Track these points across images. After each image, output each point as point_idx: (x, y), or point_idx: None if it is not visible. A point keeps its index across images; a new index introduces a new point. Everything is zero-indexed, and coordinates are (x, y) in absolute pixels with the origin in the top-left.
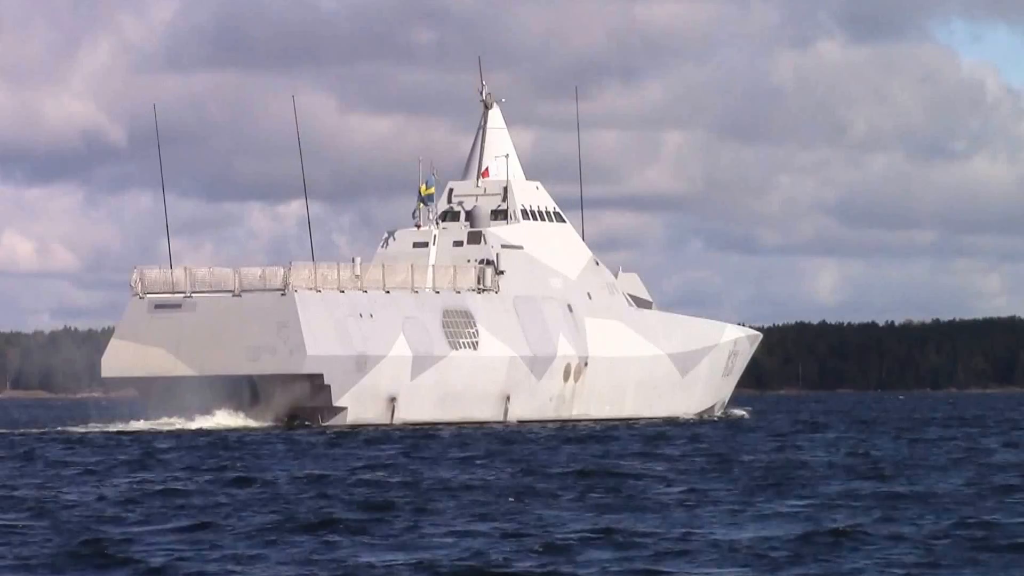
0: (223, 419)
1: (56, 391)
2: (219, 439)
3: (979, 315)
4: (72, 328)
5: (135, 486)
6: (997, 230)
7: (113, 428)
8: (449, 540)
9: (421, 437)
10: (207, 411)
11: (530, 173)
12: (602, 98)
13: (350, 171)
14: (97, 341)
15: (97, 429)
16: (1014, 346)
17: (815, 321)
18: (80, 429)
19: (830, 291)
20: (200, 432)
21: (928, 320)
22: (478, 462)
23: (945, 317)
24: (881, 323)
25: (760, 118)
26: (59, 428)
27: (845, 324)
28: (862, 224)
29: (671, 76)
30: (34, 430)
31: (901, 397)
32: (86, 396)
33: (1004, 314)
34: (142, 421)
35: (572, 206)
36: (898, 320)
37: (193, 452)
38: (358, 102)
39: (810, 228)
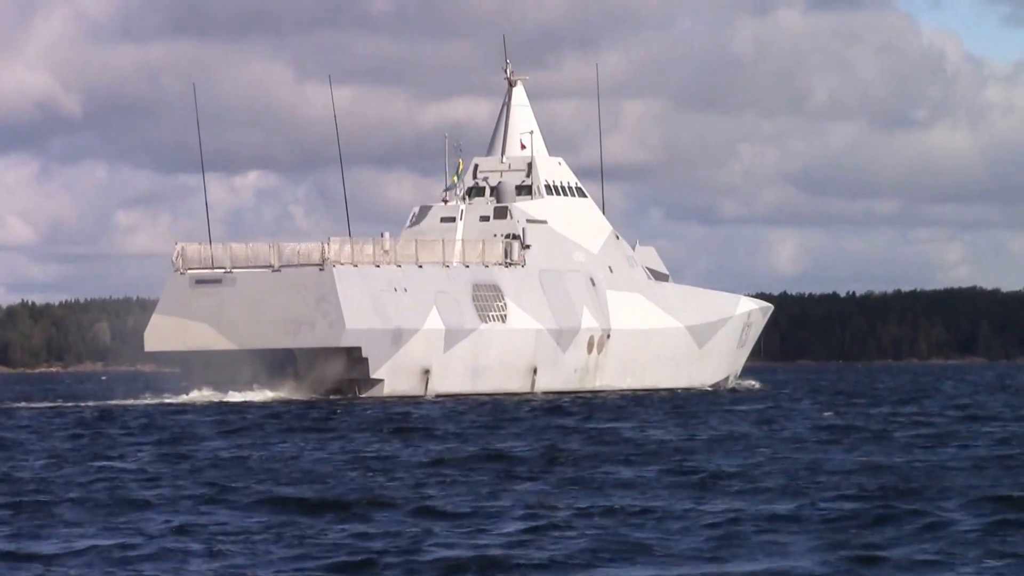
0: (263, 393)
1: (14, 366)
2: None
3: (940, 286)
4: (29, 302)
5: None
6: (958, 200)
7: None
8: None
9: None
10: (247, 384)
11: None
12: (561, 68)
13: (308, 141)
14: (54, 315)
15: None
16: (975, 316)
17: (776, 292)
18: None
19: (791, 262)
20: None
21: (889, 291)
22: None
23: (906, 288)
24: (842, 294)
25: (720, 87)
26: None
27: (806, 295)
28: (823, 194)
29: (630, 46)
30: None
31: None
32: (46, 370)
33: (965, 284)
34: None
35: None
36: (859, 291)
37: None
38: (315, 71)
39: (771, 198)
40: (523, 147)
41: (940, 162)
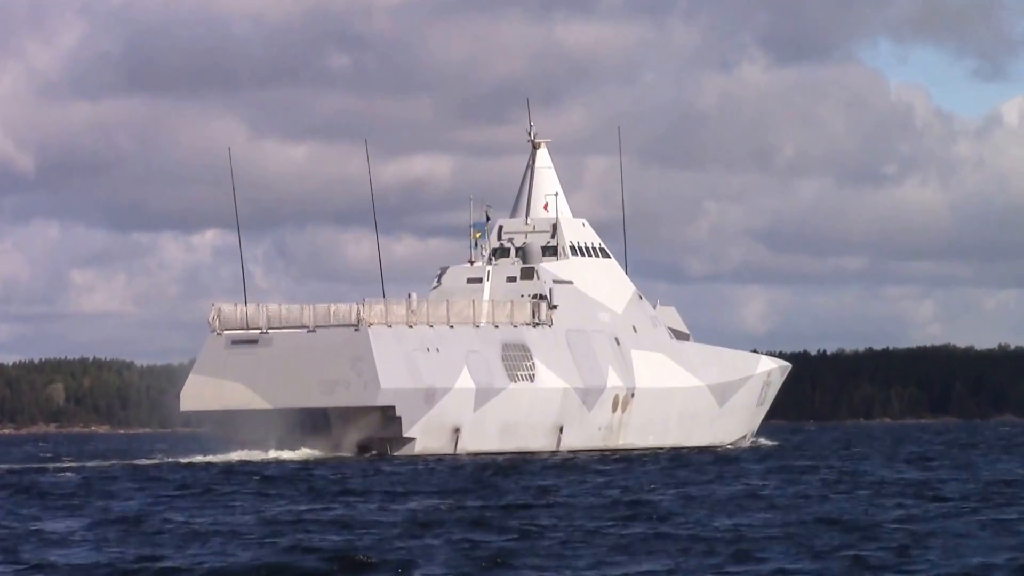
0: (297, 452)
1: None
2: None
3: (912, 344)
4: None
5: None
6: (929, 257)
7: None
8: None
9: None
10: (280, 444)
11: (455, 198)
12: (524, 123)
13: (264, 200)
14: (7, 375)
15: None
16: (948, 375)
17: (745, 351)
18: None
19: (759, 320)
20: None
21: (860, 349)
22: None
23: (877, 346)
24: (812, 352)
25: (685, 143)
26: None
27: (776, 353)
28: (791, 251)
29: (594, 101)
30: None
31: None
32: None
33: (938, 342)
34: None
35: None
36: (830, 349)
37: None
38: (271, 128)
39: (738, 255)
40: (546, 208)
41: (910, 218)
